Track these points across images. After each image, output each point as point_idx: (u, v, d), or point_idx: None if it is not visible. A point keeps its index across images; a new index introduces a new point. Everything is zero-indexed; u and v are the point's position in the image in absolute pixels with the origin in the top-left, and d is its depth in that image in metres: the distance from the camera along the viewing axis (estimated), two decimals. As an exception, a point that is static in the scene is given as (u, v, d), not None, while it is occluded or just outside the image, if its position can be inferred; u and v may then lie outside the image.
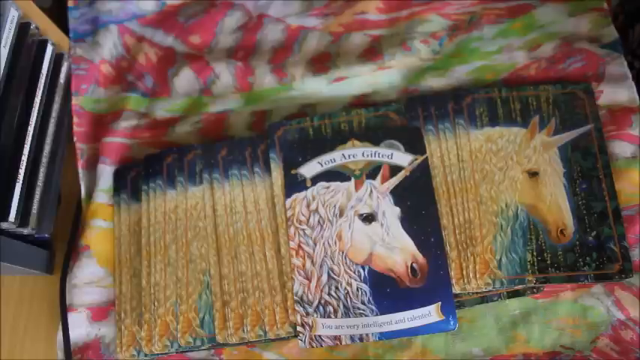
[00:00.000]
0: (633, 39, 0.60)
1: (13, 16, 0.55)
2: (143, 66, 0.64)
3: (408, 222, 0.52)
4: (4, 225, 0.51)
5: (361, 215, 0.53)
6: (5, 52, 0.53)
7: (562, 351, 0.51)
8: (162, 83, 0.63)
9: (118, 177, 0.59)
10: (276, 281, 0.53)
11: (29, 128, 0.55)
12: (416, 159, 0.54)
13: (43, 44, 0.59)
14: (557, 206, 0.52)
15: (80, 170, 0.60)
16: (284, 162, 0.56)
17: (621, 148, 0.54)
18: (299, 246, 0.53)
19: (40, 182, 0.56)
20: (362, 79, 0.60)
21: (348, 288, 0.52)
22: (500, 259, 0.51)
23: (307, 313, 0.52)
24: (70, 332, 0.55)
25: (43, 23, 0.60)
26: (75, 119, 0.62)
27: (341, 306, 0.51)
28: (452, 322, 0.50)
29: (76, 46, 0.64)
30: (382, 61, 0.60)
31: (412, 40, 0.60)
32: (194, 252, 0.55)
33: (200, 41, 0.64)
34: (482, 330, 0.52)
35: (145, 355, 0.53)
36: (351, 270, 0.52)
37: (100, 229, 0.58)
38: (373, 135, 0.55)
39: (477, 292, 0.51)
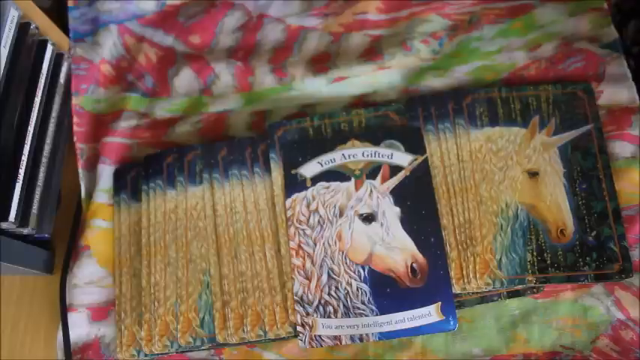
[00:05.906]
0: (627, 36, 0.60)
1: (13, 16, 0.55)
2: (143, 66, 0.64)
3: (408, 222, 0.52)
4: (4, 225, 0.51)
5: (361, 215, 0.53)
6: (5, 52, 0.53)
7: (562, 351, 0.51)
8: (162, 83, 0.63)
9: (118, 177, 0.59)
10: (276, 281, 0.53)
11: (29, 128, 0.55)
12: (416, 159, 0.54)
13: (43, 44, 0.59)
14: (557, 206, 0.52)
15: (80, 170, 0.60)
16: (284, 162, 0.56)
17: (621, 148, 0.54)
18: (299, 246, 0.53)
19: (40, 182, 0.56)
20: (362, 79, 0.60)
21: (348, 288, 0.52)
22: (500, 259, 0.51)
23: (307, 313, 0.52)
24: (70, 332, 0.55)
25: (43, 23, 0.60)
26: (75, 119, 0.62)
27: (341, 306, 0.51)
28: (452, 322, 0.50)
29: (76, 46, 0.64)
30: (382, 61, 0.59)
31: (412, 40, 0.60)
32: (194, 252, 0.55)
33: (200, 41, 0.64)
34: (482, 330, 0.52)
35: (145, 355, 0.53)
36: (351, 270, 0.52)
37: (100, 229, 0.58)
38: (373, 135, 0.55)
39: (477, 292, 0.51)
